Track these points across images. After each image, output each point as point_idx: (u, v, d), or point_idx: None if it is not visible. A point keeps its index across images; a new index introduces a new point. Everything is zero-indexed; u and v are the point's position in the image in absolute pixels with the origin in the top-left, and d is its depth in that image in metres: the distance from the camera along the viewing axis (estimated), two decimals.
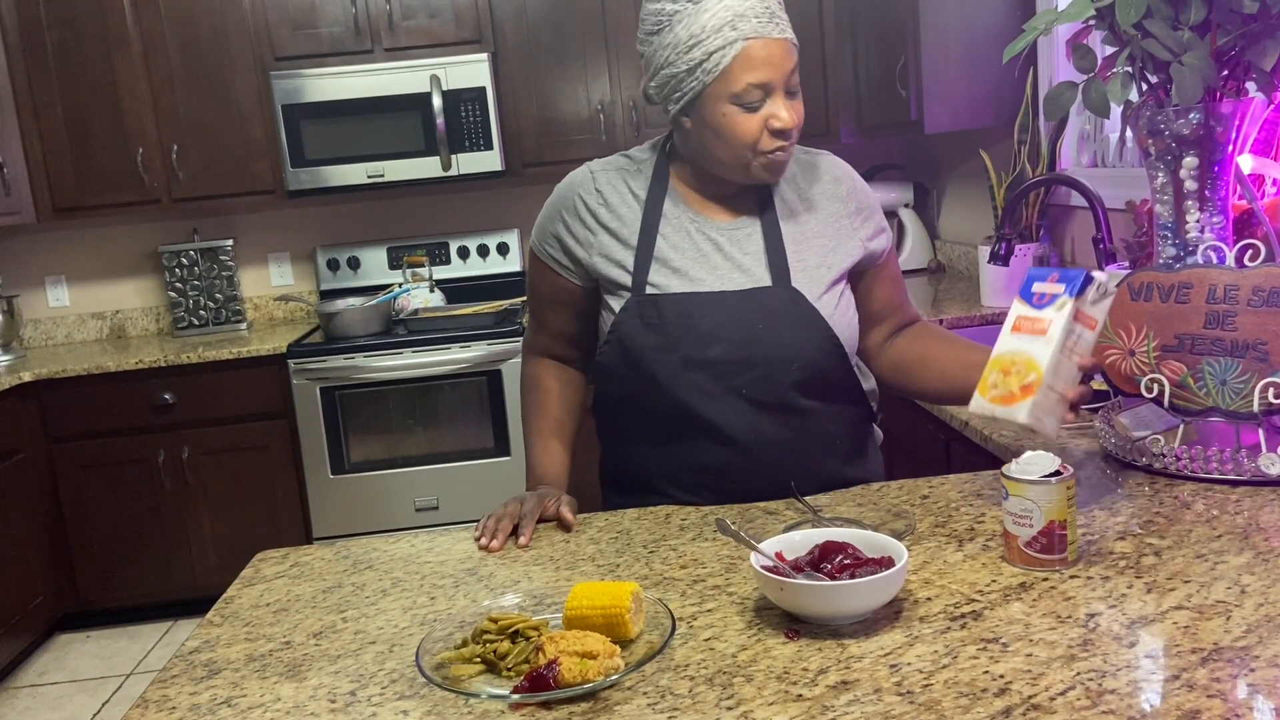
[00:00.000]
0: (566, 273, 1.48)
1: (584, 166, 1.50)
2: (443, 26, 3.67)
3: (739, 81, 1.30)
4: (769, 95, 1.32)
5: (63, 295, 4.10)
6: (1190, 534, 1.16)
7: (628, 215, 1.44)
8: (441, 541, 1.37)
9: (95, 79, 3.63)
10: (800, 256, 1.42)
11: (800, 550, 1.09)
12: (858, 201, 1.48)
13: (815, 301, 1.40)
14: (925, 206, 3.90)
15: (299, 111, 3.61)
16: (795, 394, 1.41)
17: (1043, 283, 1.24)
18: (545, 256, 1.50)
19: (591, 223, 1.45)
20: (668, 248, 1.42)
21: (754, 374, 1.39)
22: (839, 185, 1.48)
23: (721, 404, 1.40)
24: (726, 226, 1.43)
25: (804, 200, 1.46)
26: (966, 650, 0.94)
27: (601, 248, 1.44)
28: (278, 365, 3.52)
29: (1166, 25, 1.42)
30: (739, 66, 1.30)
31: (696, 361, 1.38)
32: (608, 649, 0.95)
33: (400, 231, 4.10)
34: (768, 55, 1.30)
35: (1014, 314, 1.25)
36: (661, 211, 1.43)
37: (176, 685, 1.03)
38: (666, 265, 1.41)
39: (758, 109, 1.32)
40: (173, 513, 3.58)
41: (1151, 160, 1.54)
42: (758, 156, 1.35)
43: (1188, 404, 1.38)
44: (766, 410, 1.41)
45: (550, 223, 1.49)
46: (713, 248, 1.42)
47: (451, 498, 3.57)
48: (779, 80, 1.32)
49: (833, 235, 1.45)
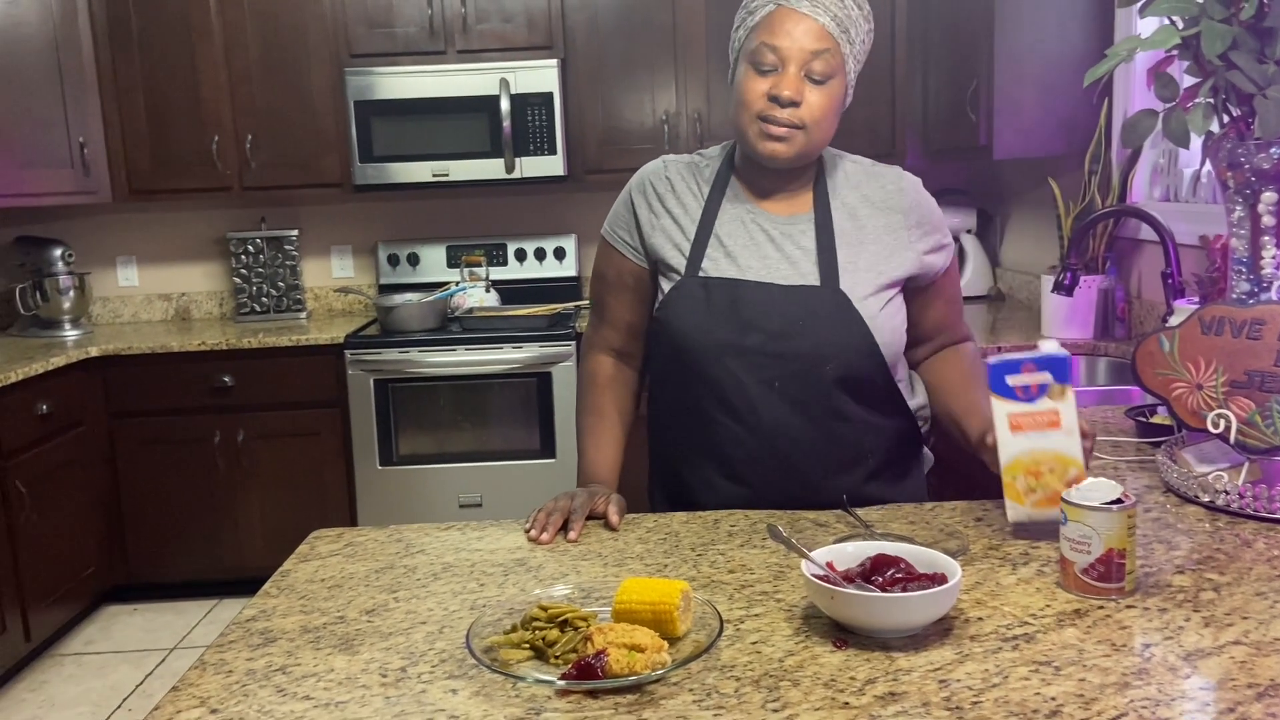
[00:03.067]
0: (633, 254, 1.52)
1: (659, 158, 1.55)
2: (515, 31, 3.72)
3: (757, 39, 1.37)
4: (784, 65, 1.36)
5: (132, 275, 4.21)
6: (1251, 571, 1.14)
7: (690, 204, 1.49)
8: (492, 531, 1.38)
9: (176, 67, 3.73)
10: (851, 259, 1.43)
11: (852, 561, 1.09)
12: (920, 214, 1.49)
13: (859, 304, 1.40)
14: (988, 233, 3.87)
15: (370, 108, 3.68)
16: (829, 396, 1.42)
17: (1016, 375, 1.21)
18: (613, 238, 1.54)
19: (658, 206, 1.50)
20: (725, 235, 1.45)
21: (788, 369, 1.40)
22: (903, 196, 1.48)
23: (752, 394, 1.41)
24: (781, 220, 1.46)
25: (865, 205, 1.47)
26: (1018, 671, 0.93)
27: (663, 229, 1.48)
28: (334, 355, 3.58)
29: (1252, 57, 1.41)
30: (763, 26, 1.37)
31: (734, 347, 1.41)
32: (656, 643, 0.95)
33: (460, 231, 4.15)
34: (791, 25, 1.36)
35: (1002, 412, 1.22)
36: (721, 203, 1.48)
37: (233, 650, 1.05)
38: (719, 250, 1.44)
39: (768, 73, 1.37)
40: (224, 493, 3.65)
41: (1230, 194, 1.51)
42: (755, 122, 1.39)
43: (1255, 442, 1.35)
44: (797, 408, 1.41)
45: (622, 205, 1.54)
46: (765, 238, 1.45)
47: (495, 496, 3.60)
48: (794, 51, 1.35)
49: (889, 243, 1.45)
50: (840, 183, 1.48)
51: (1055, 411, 1.20)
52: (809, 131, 1.38)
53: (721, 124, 3.79)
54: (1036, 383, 1.21)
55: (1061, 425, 1.20)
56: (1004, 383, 1.22)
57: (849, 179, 1.48)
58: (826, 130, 1.41)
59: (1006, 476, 1.24)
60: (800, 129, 1.37)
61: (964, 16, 3.07)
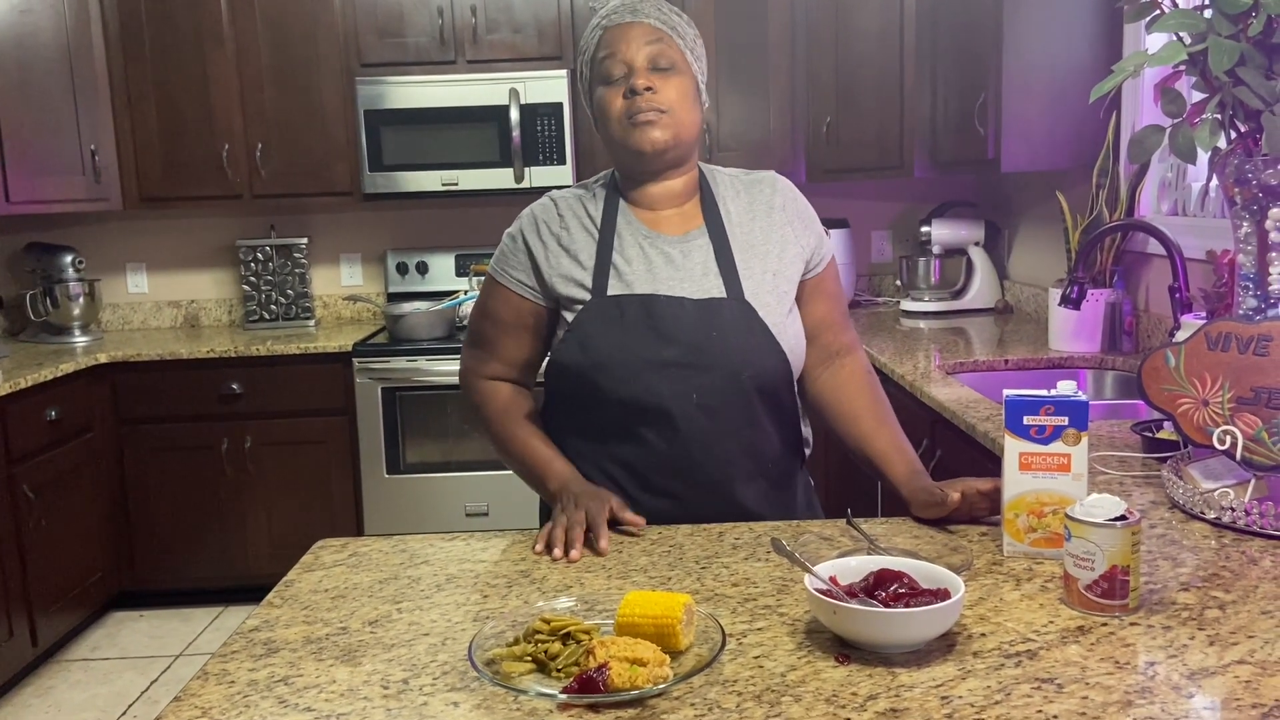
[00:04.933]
0: (531, 294, 1.51)
1: (545, 196, 1.57)
2: (525, 41, 3.74)
3: (600, 61, 1.46)
4: (629, 66, 1.44)
5: (142, 282, 4.23)
6: (1256, 589, 1.14)
7: (583, 238, 1.50)
8: (496, 543, 1.38)
9: (188, 75, 3.75)
10: (748, 265, 1.47)
11: (855, 576, 1.09)
12: (796, 209, 1.55)
13: (764, 312, 1.45)
14: (996, 246, 3.86)
15: (380, 117, 3.70)
16: (747, 405, 1.45)
17: (1034, 416, 1.22)
18: (507, 280, 1.53)
19: (553, 245, 1.50)
20: (622, 262, 1.47)
21: (705, 380, 1.42)
22: (776, 195, 1.54)
23: (670, 407, 1.42)
24: (677, 240, 1.49)
25: (749, 211, 1.52)
26: (1020, 688, 0.93)
27: (562, 266, 1.49)
28: (342, 363, 3.59)
29: (1259, 74, 1.41)
30: (600, 48, 1.47)
31: (653, 361, 1.42)
32: (658, 657, 0.95)
33: (469, 240, 4.16)
34: (623, 33, 1.45)
35: (1013, 450, 1.23)
36: (615, 230, 1.49)
37: (236, 661, 1.05)
38: (622, 280, 1.46)
39: (619, 82, 1.45)
40: (232, 500, 3.66)
41: (1236, 209, 1.51)
42: (623, 123, 1.44)
43: (1261, 458, 1.35)
44: (716, 419, 1.44)
45: (514, 245, 1.53)
46: (664, 260, 1.47)
47: (502, 505, 3.60)
48: (633, 51, 1.44)
49: (777, 242, 1.50)
50: (724, 194, 1.53)
51: (1067, 456, 1.21)
52: (673, 114, 1.44)
53: (731, 134, 3.80)
54: (1053, 425, 1.21)
55: (1071, 470, 1.21)
56: (1020, 422, 1.22)
57: (731, 189, 1.54)
58: (689, 117, 1.47)
59: (1009, 513, 1.25)
60: (664, 112, 1.43)
61: (972, 30, 3.07)
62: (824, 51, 3.71)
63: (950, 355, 2.87)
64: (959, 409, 2.19)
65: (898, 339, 3.21)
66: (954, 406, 2.21)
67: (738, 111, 3.81)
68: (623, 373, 1.43)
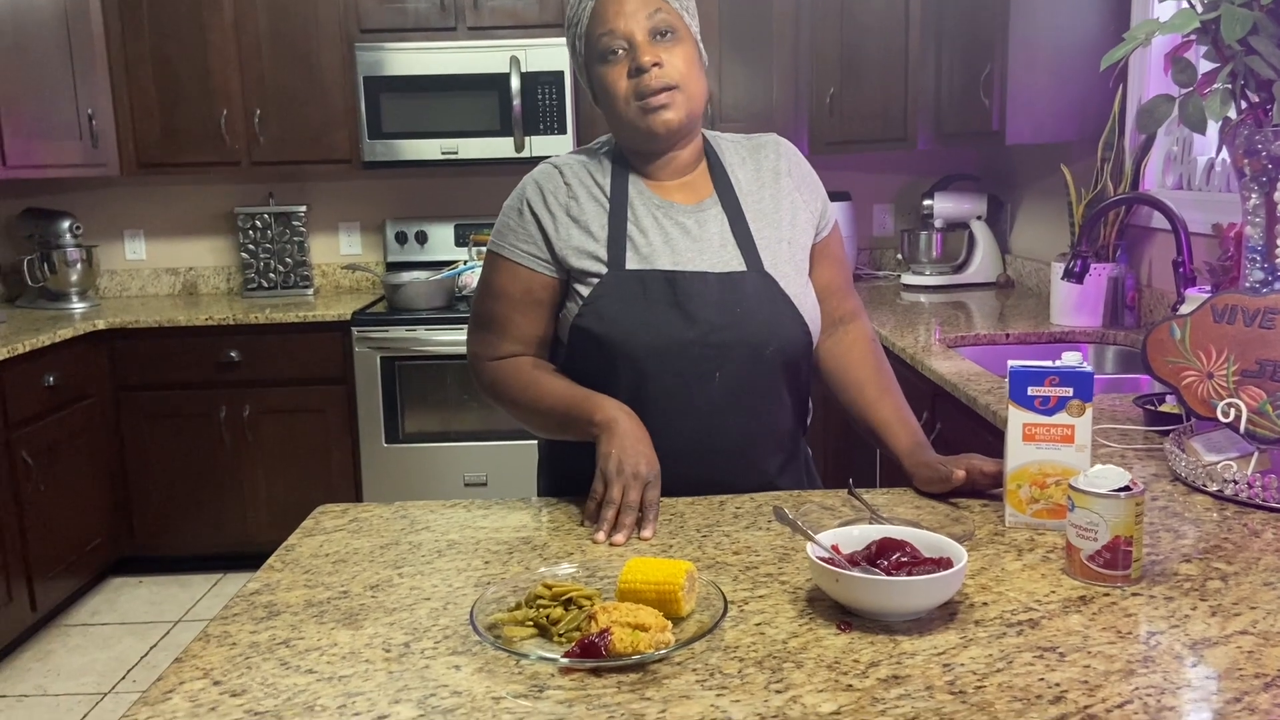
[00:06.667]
0: (543, 266, 1.43)
1: (546, 162, 1.49)
2: (527, 9, 3.70)
3: (596, 37, 1.38)
4: (629, 40, 1.37)
5: (140, 249, 4.21)
6: (1259, 561, 1.14)
7: (593, 209, 1.43)
8: (497, 510, 1.38)
9: (186, 40, 3.71)
10: (763, 234, 1.44)
11: (857, 545, 1.09)
12: (801, 175, 1.51)
13: (784, 283, 1.42)
14: (998, 219, 3.85)
15: (380, 84, 3.66)
16: (772, 381, 1.43)
17: (1038, 386, 1.21)
18: (515, 254, 1.44)
19: (563, 216, 1.43)
20: (638, 234, 1.42)
21: (729, 358, 1.39)
22: (781, 160, 1.50)
23: (691, 388, 1.39)
24: (690, 209, 1.44)
25: (757, 179, 1.48)
26: (1022, 656, 0.93)
27: (573, 241, 1.42)
28: (341, 332, 3.58)
29: (1272, 43, 1.39)
30: (593, 23, 1.38)
31: (677, 342, 1.38)
32: (659, 623, 0.95)
33: (469, 209, 4.14)
34: (617, 7, 1.36)
35: (1017, 420, 1.22)
36: (627, 200, 1.44)
37: (237, 623, 1.05)
38: (639, 253, 1.41)
39: (620, 58, 1.38)
40: (230, 468, 3.66)
41: (1245, 181, 1.50)
42: (632, 106, 1.38)
43: (1265, 432, 1.35)
44: (735, 398, 1.40)
45: (519, 217, 1.45)
46: (680, 232, 1.43)
47: (500, 475, 3.60)
48: (631, 23, 1.36)
49: (788, 209, 1.47)
50: (731, 160, 1.49)
51: (1071, 427, 1.20)
52: (684, 89, 1.38)
53: (734, 105, 3.77)
54: (1057, 396, 1.20)
55: (1075, 441, 1.20)
56: (1024, 392, 1.21)
57: (736, 155, 1.50)
58: (698, 86, 1.41)
59: (1011, 484, 1.24)
60: (675, 88, 1.37)
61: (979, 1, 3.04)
62: (828, 22, 3.68)
63: (951, 329, 2.86)
64: (960, 382, 2.18)
65: (899, 312, 3.20)
66: (955, 379, 2.21)
67: (740, 82, 3.78)
68: (644, 352, 1.38)
